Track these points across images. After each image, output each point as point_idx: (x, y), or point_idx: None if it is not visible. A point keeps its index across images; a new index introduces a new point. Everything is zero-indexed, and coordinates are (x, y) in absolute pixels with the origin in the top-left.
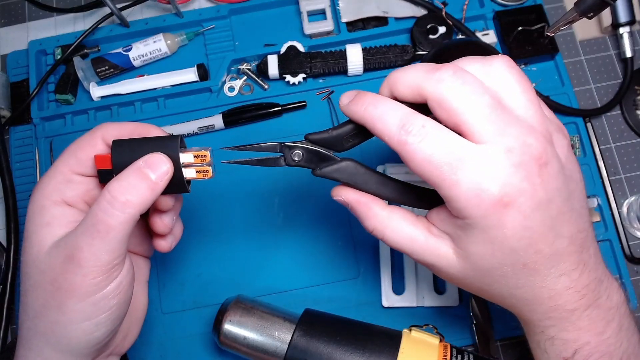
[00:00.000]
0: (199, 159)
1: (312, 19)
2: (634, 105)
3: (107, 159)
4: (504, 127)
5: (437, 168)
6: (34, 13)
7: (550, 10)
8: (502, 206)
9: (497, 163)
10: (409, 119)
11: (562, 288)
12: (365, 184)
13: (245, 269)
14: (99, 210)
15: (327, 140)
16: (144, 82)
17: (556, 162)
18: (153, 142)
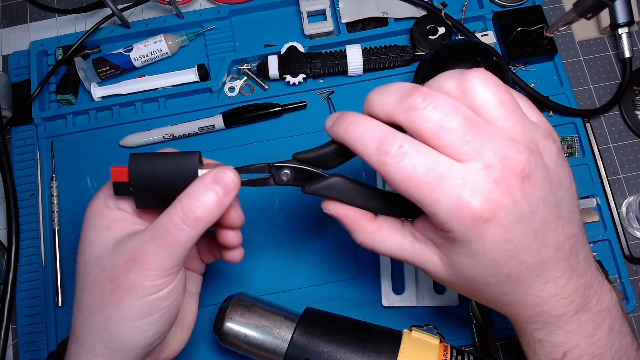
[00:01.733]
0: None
1: (312, 19)
2: (633, 105)
3: (124, 171)
4: (480, 144)
5: (416, 187)
6: (35, 14)
7: (549, 11)
8: (482, 222)
9: (476, 180)
10: (387, 140)
11: (547, 295)
12: (353, 198)
13: (245, 269)
14: (170, 224)
15: (315, 159)
16: (145, 82)
17: (541, 171)
18: (171, 158)
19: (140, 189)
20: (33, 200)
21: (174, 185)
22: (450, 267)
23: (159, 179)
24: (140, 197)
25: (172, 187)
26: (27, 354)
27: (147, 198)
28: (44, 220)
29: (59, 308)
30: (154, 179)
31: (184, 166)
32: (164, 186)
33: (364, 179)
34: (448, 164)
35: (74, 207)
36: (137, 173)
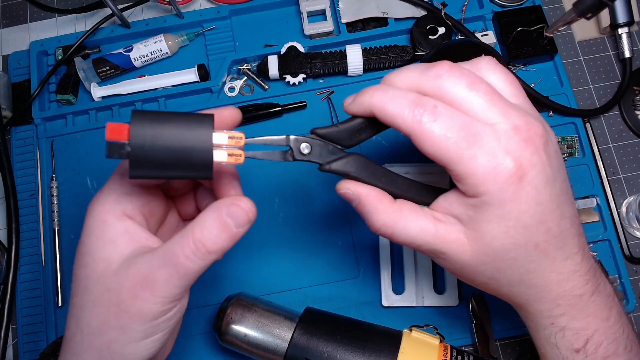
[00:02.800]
0: (234, 140)
1: (312, 19)
2: (633, 105)
3: (124, 129)
4: (506, 109)
5: (453, 144)
6: (35, 14)
7: (549, 11)
8: (518, 179)
9: (509, 138)
10: (420, 100)
11: (569, 272)
12: (374, 177)
13: (245, 269)
14: (181, 254)
15: (335, 135)
16: (145, 82)
17: (553, 142)
18: (180, 119)
19: (139, 153)
20: (33, 200)
21: (180, 152)
22: (478, 241)
23: (164, 142)
24: (137, 164)
25: (178, 154)
26: (27, 354)
27: (145, 165)
28: (44, 220)
29: (59, 308)
30: (158, 141)
31: (195, 129)
32: (168, 152)
33: None
34: (481, 124)
35: (74, 207)
36: (140, 133)
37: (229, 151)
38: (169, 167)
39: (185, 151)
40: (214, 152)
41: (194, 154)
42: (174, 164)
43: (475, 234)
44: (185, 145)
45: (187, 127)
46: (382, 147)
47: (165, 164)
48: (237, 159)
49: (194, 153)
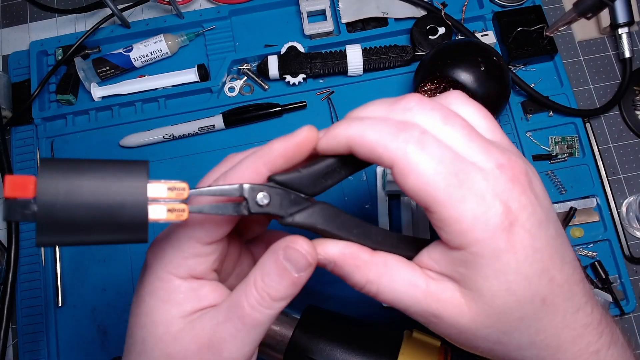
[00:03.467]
0: (174, 192)
1: (312, 19)
2: (633, 105)
3: (29, 183)
4: (485, 145)
5: (443, 180)
6: (35, 14)
7: (549, 11)
8: (510, 225)
9: (495, 178)
10: (405, 126)
11: (582, 326)
12: (345, 229)
13: None
14: (247, 305)
15: (297, 182)
16: (145, 82)
17: (538, 180)
18: (107, 168)
19: (49, 214)
20: None
21: (105, 210)
22: (477, 302)
23: (83, 199)
24: (47, 228)
25: (101, 213)
26: (27, 354)
27: (58, 229)
28: None
29: (59, 308)
30: (75, 198)
31: (124, 182)
32: (88, 211)
33: (365, 179)
34: (467, 161)
35: None
36: (50, 187)
37: (168, 206)
38: (90, 231)
39: (111, 209)
40: (149, 207)
41: (123, 212)
42: (96, 226)
43: (473, 293)
44: (111, 202)
45: (113, 177)
46: None
47: (84, 226)
48: (179, 215)
49: (124, 211)
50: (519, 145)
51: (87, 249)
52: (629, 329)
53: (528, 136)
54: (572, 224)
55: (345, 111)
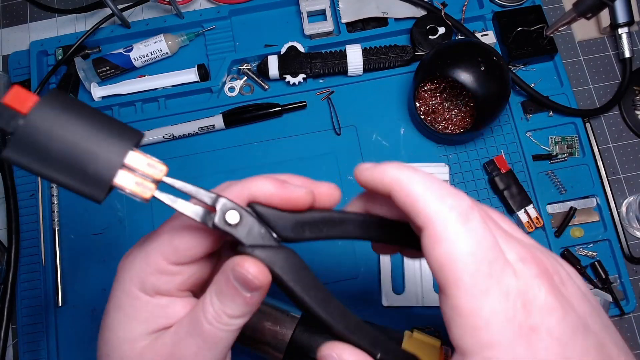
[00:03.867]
0: (151, 169)
1: (312, 19)
2: (633, 105)
3: (29, 101)
4: (524, 245)
5: (474, 263)
6: (35, 14)
7: (549, 11)
8: (530, 329)
9: (525, 277)
10: (457, 194)
11: None
12: (302, 286)
13: None
14: (205, 321)
15: (275, 219)
16: (145, 82)
17: (575, 280)
18: (103, 122)
19: (29, 134)
20: (33, 200)
21: (78, 154)
22: None
23: (66, 135)
24: (20, 146)
25: (73, 156)
26: (27, 354)
27: (28, 151)
28: (44, 220)
29: (59, 308)
30: (59, 132)
31: (110, 140)
32: (63, 148)
33: None
34: (504, 253)
35: (74, 207)
36: (45, 113)
37: (138, 179)
38: (55, 165)
39: (84, 156)
40: (120, 172)
41: (93, 164)
42: (64, 164)
43: None
44: (88, 150)
45: (103, 131)
46: (382, 147)
47: (53, 159)
48: (143, 191)
49: (95, 163)
50: (518, 145)
51: (87, 248)
52: (629, 329)
53: (528, 136)
54: (572, 224)
55: (345, 111)
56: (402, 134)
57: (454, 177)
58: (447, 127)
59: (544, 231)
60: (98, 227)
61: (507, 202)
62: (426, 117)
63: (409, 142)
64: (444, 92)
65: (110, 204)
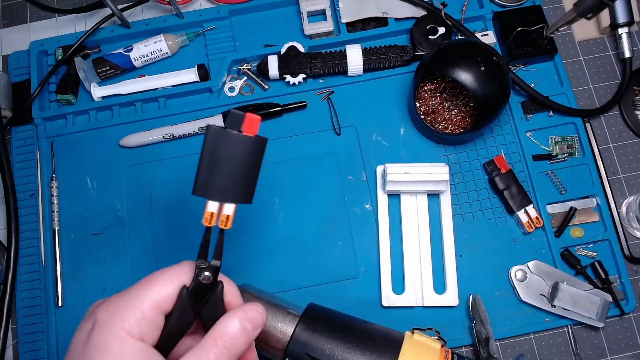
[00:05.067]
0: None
1: (312, 19)
2: (633, 105)
3: (256, 123)
4: None
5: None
6: (35, 14)
7: (549, 11)
8: None
9: None
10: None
11: None
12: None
13: (245, 269)
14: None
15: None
16: (145, 82)
17: None
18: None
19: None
20: (33, 200)
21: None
22: None
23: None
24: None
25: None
26: (27, 354)
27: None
28: (44, 220)
29: (59, 308)
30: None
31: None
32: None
33: (365, 180)
34: None
35: (74, 207)
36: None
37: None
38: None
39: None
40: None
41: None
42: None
43: None
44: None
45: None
46: (382, 147)
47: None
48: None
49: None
50: (518, 145)
51: (87, 248)
52: (629, 328)
53: (528, 136)
54: (572, 224)
55: (345, 111)
56: (402, 134)
57: (454, 177)
58: (447, 127)
59: (544, 231)
60: (98, 227)
61: (507, 202)
62: (426, 117)
63: (409, 142)
64: (444, 92)
65: (110, 204)
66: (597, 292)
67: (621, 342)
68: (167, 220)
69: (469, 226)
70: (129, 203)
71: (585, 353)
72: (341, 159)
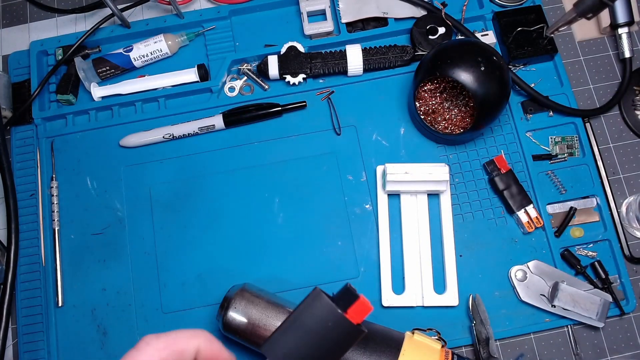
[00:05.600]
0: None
1: (312, 19)
2: (633, 105)
3: (365, 312)
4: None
5: None
6: (35, 14)
7: (549, 11)
8: None
9: None
10: None
11: None
12: None
13: (245, 269)
14: None
15: None
16: (145, 82)
17: None
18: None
19: None
20: (33, 200)
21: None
22: None
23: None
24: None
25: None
26: (27, 354)
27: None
28: (44, 220)
29: (59, 308)
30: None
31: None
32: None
33: (365, 180)
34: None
35: (74, 207)
36: None
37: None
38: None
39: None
40: None
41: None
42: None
43: None
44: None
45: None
46: (382, 147)
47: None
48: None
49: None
50: (519, 145)
51: (87, 248)
52: (629, 328)
53: (528, 136)
54: (572, 224)
55: (345, 111)
56: (402, 134)
57: (454, 177)
58: (447, 127)
59: (544, 231)
60: (98, 227)
61: (507, 202)
62: (426, 117)
63: (409, 142)
64: (444, 92)
65: (110, 204)
66: (597, 292)
67: (621, 342)
68: (167, 220)
69: (469, 226)
70: (129, 203)
71: (585, 353)
72: (341, 159)
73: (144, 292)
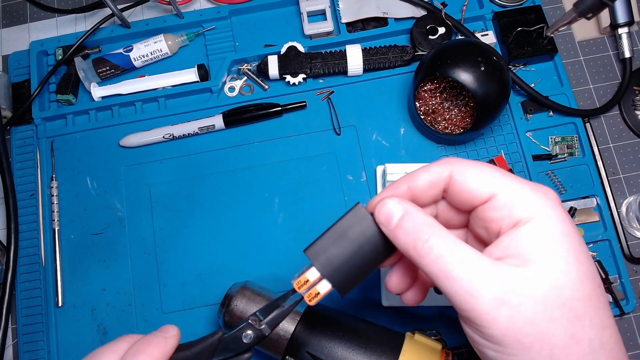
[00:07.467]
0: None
1: (312, 19)
2: (633, 105)
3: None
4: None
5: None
6: (35, 14)
7: (549, 11)
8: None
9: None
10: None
11: None
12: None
13: (245, 269)
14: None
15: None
16: (145, 82)
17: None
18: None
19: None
20: (33, 200)
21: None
22: None
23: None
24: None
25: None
26: (27, 354)
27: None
28: (44, 220)
29: (59, 308)
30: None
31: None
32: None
33: (365, 180)
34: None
35: (74, 207)
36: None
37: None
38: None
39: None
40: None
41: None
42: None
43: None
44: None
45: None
46: (382, 147)
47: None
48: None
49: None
50: (519, 145)
51: (87, 248)
52: (629, 329)
53: (528, 136)
54: None
55: (345, 111)
56: (402, 134)
57: None
58: (447, 127)
59: None
60: (98, 227)
61: None
62: (426, 117)
63: (409, 142)
64: (444, 92)
65: (110, 204)
66: None
67: None
68: (167, 220)
69: None
70: (129, 203)
71: None
72: (341, 159)
73: (144, 292)
